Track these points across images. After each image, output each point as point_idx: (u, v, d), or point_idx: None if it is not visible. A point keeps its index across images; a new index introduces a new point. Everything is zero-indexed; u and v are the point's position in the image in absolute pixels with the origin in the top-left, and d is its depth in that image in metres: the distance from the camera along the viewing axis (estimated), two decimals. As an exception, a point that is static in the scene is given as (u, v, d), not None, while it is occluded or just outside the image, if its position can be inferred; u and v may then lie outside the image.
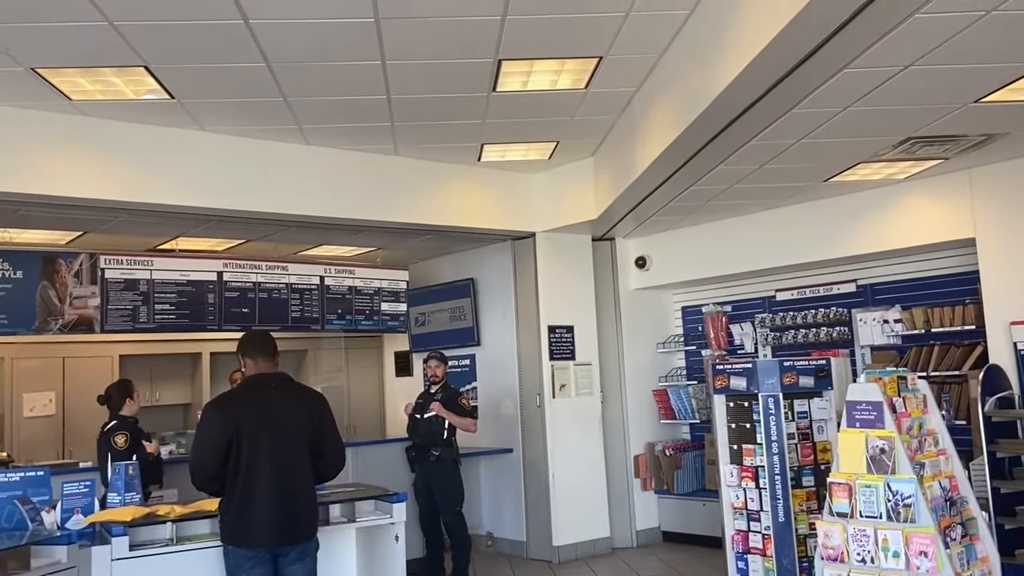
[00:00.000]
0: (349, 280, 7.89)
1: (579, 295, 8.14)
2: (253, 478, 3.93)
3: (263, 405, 4.06)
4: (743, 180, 6.35)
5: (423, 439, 6.91)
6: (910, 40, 3.79)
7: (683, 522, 8.11)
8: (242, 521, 3.93)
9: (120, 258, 6.67)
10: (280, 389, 4.17)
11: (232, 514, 3.95)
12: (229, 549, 3.98)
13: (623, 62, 5.10)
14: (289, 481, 4.01)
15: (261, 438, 3.97)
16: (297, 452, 4.06)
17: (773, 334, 7.92)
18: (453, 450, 6.92)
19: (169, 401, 10.22)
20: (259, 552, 3.93)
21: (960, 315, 6.63)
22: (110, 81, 5.08)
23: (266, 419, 4.01)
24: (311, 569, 4.12)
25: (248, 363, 4.22)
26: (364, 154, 6.82)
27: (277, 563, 4.02)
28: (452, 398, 7.02)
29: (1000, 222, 6.13)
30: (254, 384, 4.17)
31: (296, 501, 4.05)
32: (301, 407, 4.18)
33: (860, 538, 4.12)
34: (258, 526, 3.92)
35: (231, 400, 4.23)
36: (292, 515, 4.02)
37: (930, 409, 4.60)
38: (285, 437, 4.03)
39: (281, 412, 4.07)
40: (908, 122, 5.07)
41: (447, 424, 6.86)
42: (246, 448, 3.95)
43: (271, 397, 4.10)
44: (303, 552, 4.07)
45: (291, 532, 4.01)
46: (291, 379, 4.29)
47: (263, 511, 3.92)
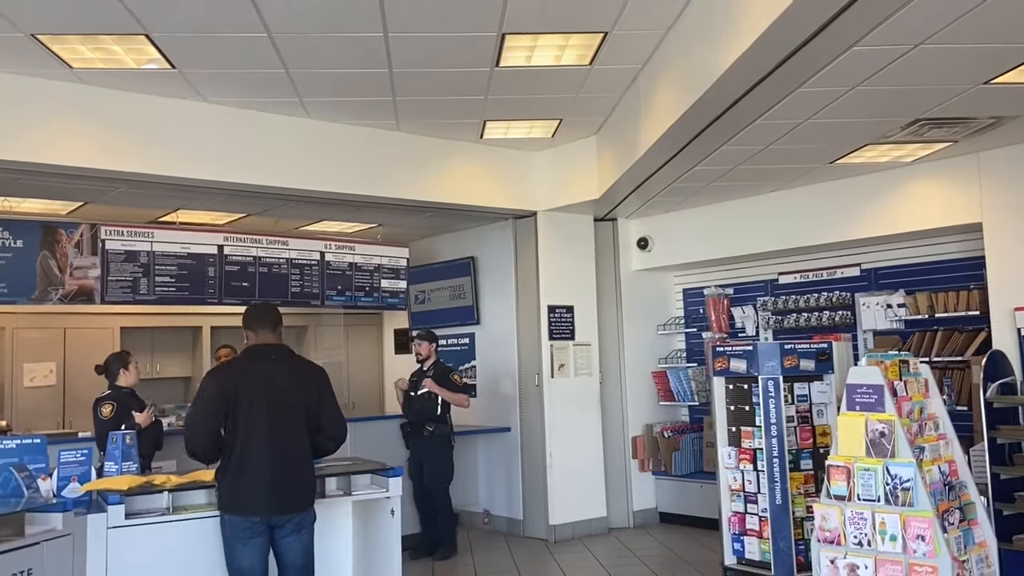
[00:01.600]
0: (349, 256, 7.87)
1: (580, 275, 8.11)
2: (250, 446, 3.94)
3: (261, 375, 4.06)
4: (748, 161, 6.30)
5: (417, 416, 6.96)
6: (921, 17, 3.73)
7: (680, 503, 8.12)
8: (238, 489, 3.94)
9: (121, 229, 6.65)
10: (280, 360, 4.17)
11: (228, 482, 3.97)
12: (226, 518, 3.99)
13: (628, 38, 5.04)
14: (286, 450, 4.02)
15: (258, 407, 3.98)
16: (294, 422, 4.06)
17: (775, 318, 7.89)
18: (447, 426, 6.99)
19: (170, 374, 10.23)
20: (255, 522, 3.94)
21: (964, 300, 6.59)
22: (111, 49, 5.03)
23: (264, 389, 4.02)
24: (308, 541, 4.12)
25: (250, 335, 4.23)
26: (365, 129, 6.77)
27: (273, 535, 4.02)
28: (443, 374, 7.09)
29: (1008, 207, 6.08)
30: (253, 354, 4.18)
31: (293, 471, 4.05)
32: (300, 379, 4.18)
33: (857, 521, 4.11)
34: (254, 494, 3.93)
35: (229, 369, 4.25)
36: (288, 484, 4.02)
37: (931, 393, 4.58)
38: (282, 407, 4.03)
39: (279, 382, 4.08)
40: (917, 103, 5.01)
41: (440, 400, 6.90)
42: (243, 417, 3.96)
43: (270, 367, 4.10)
44: (299, 523, 4.07)
45: (287, 501, 4.02)
46: (292, 351, 4.29)
47: (259, 479, 3.93)
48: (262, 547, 4.00)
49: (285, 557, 4.08)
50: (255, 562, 3.98)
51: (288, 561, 4.08)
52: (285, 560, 4.08)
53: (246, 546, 3.95)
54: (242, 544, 3.95)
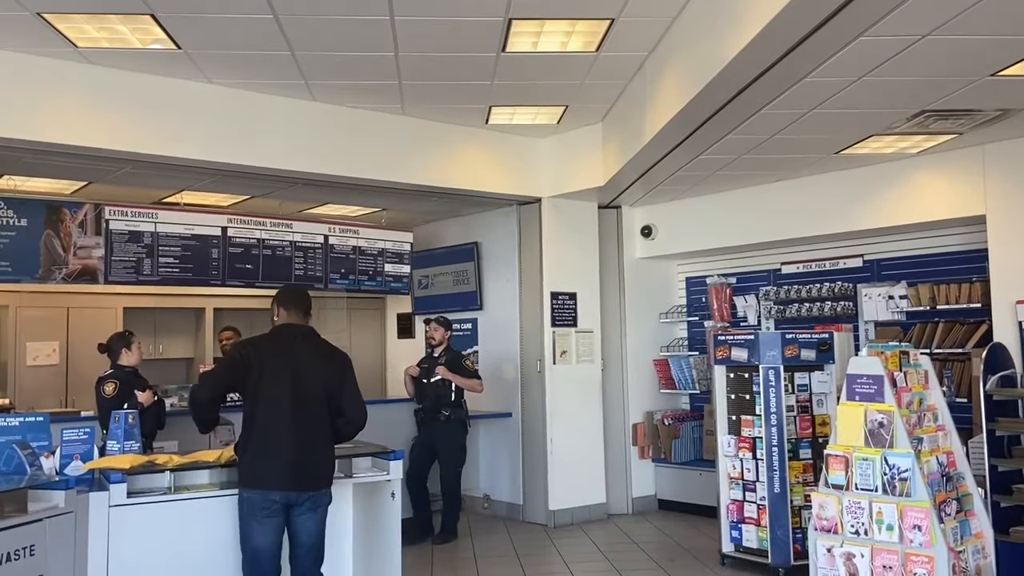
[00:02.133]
0: (353, 240, 7.88)
1: (583, 262, 8.11)
2: (274, 422, 4.01)
3: (287, 352, 4.14)
4: (753, 150, 6.29)
5: (432, 403, 6.99)
6: (930, 7, 3.71)
7: (679, 491, 8.16)
8: (260, 463, 3.99)
9: (125, 209, 6.66)
10: (307, 342, 4.26)
11: (250, 456, 4.02)
12: (244, 496, 4.02)
13: (635, 25, 5.02)
14: (308, 429, 4.09)
15: (282, 384, 4.04)
16: (317, 402, 4.14)
17: (777, 307, 7.89)
18: (463, 411, 7.05)
19: (172, 355, 10.27)
20: (273, 500, 3.97)
21: (966, 293, 6.59)
22: (116, 29, 5.02)
23: (288, 366, 4.10)
24: (321, 521, 4.17)
25: (281, 312, 4.31)
26: (371, 112, 6.76)
27: (290, 514, 4.06)
28: (456, 360, 7.12)
29: (1012, 199, 6.07)
30: (282, 333, 4.25)
31: (314, 449, 4.12)
32: (324, 361, 4.26)
33: (855, 510, 4.13)
34: (276, 469, 3.98)
35: (255, 343, 4.29)
36: (310, 462, 4.09)
37: (931, 385, 4.59)
38: (307, 387, 4.10)
39: (304, 362, 4.16)
40: (923, 94, 5.00)
41: (454, 386, 6.98)
42: (266, 392, 4.02)
43: (297, 347, 4.19)
44: (316, 502, 4.13)
45: (308, 479, 4.08)
46: (317, 334, 4.36)
47: (283, 455, 3.99)
48: (278, 527, 4.04)
49: (299, 535, 4.12)
50: (270, 542, 4.01)
51: (301, 539, 4.12)
52: (299, 538, 4.12)
53: (262, 525, 3.99)
54: (258, 523, 3.99)
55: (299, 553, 4.13)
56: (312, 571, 4.16)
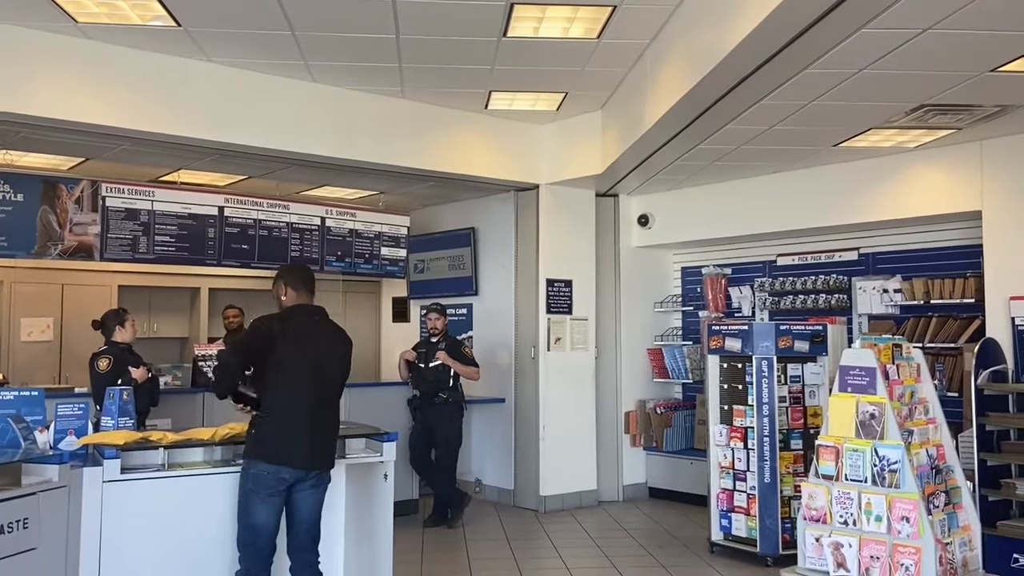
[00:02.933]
0: (350, 223, 7.87)
1: (579, 250, 8.12)
2: (296, 400, 4.03)
3: (307, 333, 4.17)
4: (751, 141, 6.29)
5: (430, 387, 7.03)
6: (931, 2, 3.71)
7: (670, 479, 8.20)
8: (283, 440, 3.99)
9: (122, 187, 6.64)
10: (323, 322, 4.29)
11: (271, 432, 4.00)
12: (251, 471, 4.00)
13: (637, 12, 5.01)
14: (324, 408, 4.15)
15: (305, 363, 4.07)
16: (333, 382, 4.22)
17: (772, 299, 7.92)
18: (460, 394, 7.11)
19: (166, 334, 10.25)
20: (281, 480, 3.98)
21: (960, 288, 6.62)
22: (117, 4, 5.00)
23: (311, 347, 4.13)
24: (321, 498, 4.22)
25: (290, 292, 4.28)
26: (370, 95, 6.74)
27: (291, 490, 4.08)
28: (455, 346, 7.17)
29: (1009, 196, 6.09)
30: (301, 312, 4.25)
31: (328, 428, 4.19)
32: (338, 343, 4.31)
33: (844, 500, 4.16)
34: (294, 447, 4.01)
35: (280, 317, 4.24)
36: (324, 441, 4.15)
37: (923, 378, 4.61)
38: (325, 367, 4.16)
39: (323, 343, 4.20)
40: (923, 88, 5.00)
41: (452, 371, 7.03)
42: (289, 369, 4.04)
43: (316, 327, 4.23)
44: (320, 480, 4.17)
45: (320, 457, 4.13)
46: (328, 316, 4.37)
47: (301, 433, 4.02)
48: (279, 505, 4.06)
49: (299, 512, 4.13)
50: (270, 519, 4.02)
51: (302, 516, 4.14)
52: (298, 515, 4.14)
53: (264, 502, 4.00)
54: (261, 500, 4.00)
55: (298, 530, 4.15)
56: (310, 548, 4.18)
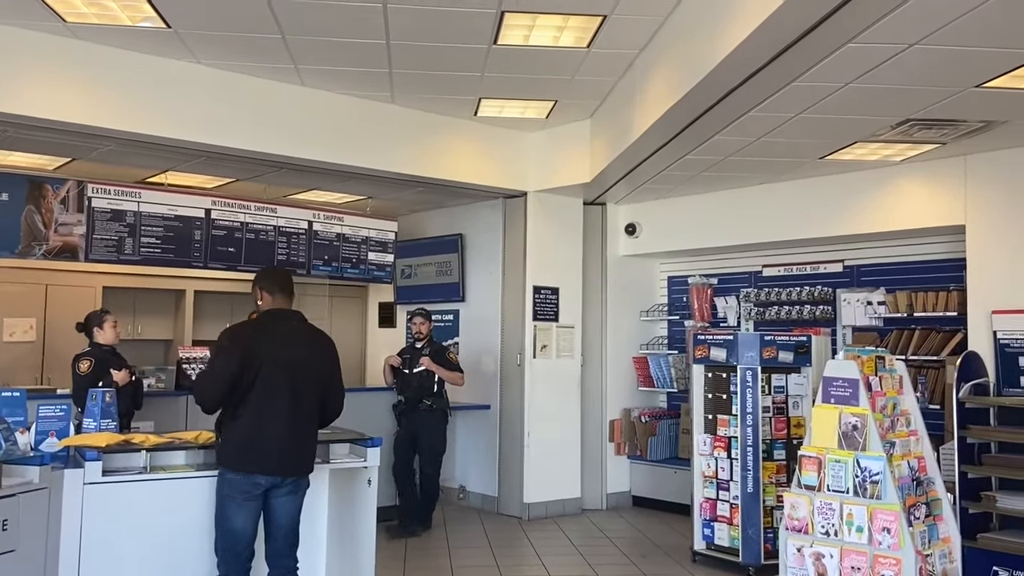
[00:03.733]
0: (338, 227, 7.86)
1: (567, 258, 8.14)
2: (267, 407, 3.98)
3: (282, 338, 4.13)
4: (739, 152, 6.33)
5: (415, 392, 6.98)
6: (917, 17, 3.75)
7: (654, 488, 8.21)
8: (250, 447, 3.97)
9: (108, 187, 6.61)
10: (300, 326, 4.26)
11: (239, 439, 3.99)
12: (227, 477, 4.00)
13: (627, 22, 5.04)
14: (299, 414, 4.09)
15: (277, 368, 4.02)
16: (309, 388, 4.14)
17: (757, 309, 7.96)
18: (444, 401, 7.06)
19: (151, 336, 10.19)
20: (258, 483, 3.97)
21: (943, 301, 6.68)
22: (106, 4, 4.98)
23: (285, 352, 4.08)
24: (299, 504, 4.18)
25: (266, 297, 4.27)
26: (360, 100, 6.74)
27: (268, 496, 4.06)
28: (439, 352, 7.14)
29: (992, 210, 6.15)
30: (276, 317, 4.23)
31: (303, 434, 4.13)
32: (316, 346, 4.27)
33: (825, 511, 4.18)
34: (266, 453, 3.97)
35: (251, 327, 4.26)
36: (299, 448, 4.10)
37: (905, 390, 4.64)
38: (300, 372, 4.10)
39: (298, 347, 4.15)
40: (908, 103, 5.05)
41: (437, 377, 6.99)
42: (261, 375, 3.99)
43: (291, 332, 4.19)
44: (297, 486, 4.14)
45: (295, 464, 4.09)
46: (306, 319, 4.34)
47: (273, 439, 3.98)
48: (256, 510, 4.04)
49: (276, 518, 4.11)
50: (247, 525, 4.01)
51: (280, 522, 4.12)
52: (276, 521, 4.12)
53: (241, 508, 3.98)
54: (237, 505, 3.98)
55: (276, 535, 4.13)
56: (288, 554, 4.16)
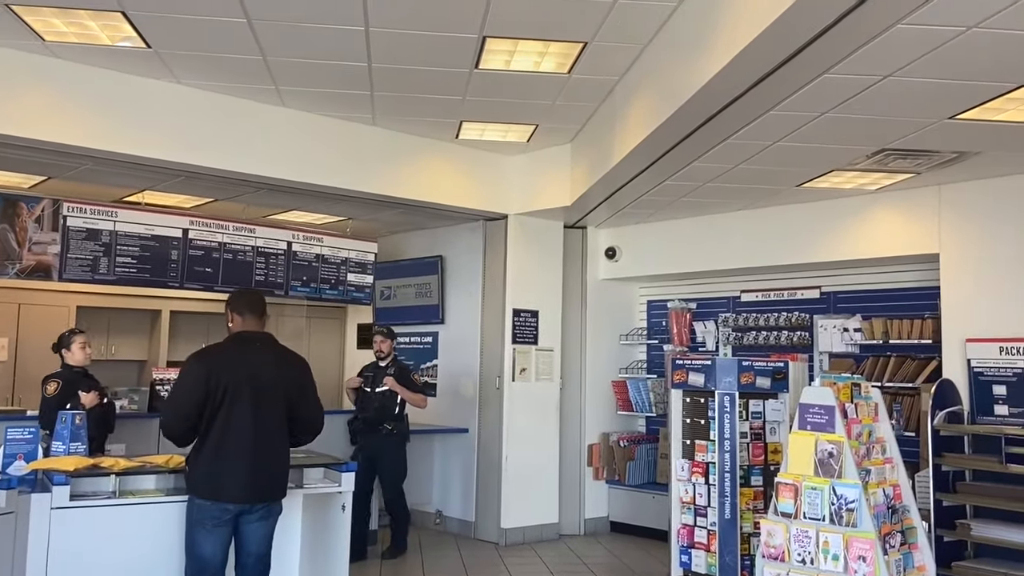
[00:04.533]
0: (317, 248, 7.83)
1: (547, 281, 8.15)
2: (230, 433, 3.93)
3: (247, 361, 4.07)
4: (717, 179, 6.38)
5: (376, 413, 6.84)
6: (891, 50, 3.81)
7: (632, 513, 8.18)
8: (215, 474, 3.92)
9: (84, 207, 6.55)
10: (266, 348, 4.19)
11: (205, 466, 3.94)
12: (196, 503, 3.95)
13: (607, 50, 5.09)
14: (266, 439, 4.03)
15: (242, 393, 3.97)
16: (276, 411, 4.08)
17: (735, 334, 7.99)
18: (405, 424, 6.91)
19: (125, 356, 10.08)
20: (226, 509, 3.92)
21: (918, 329, 6.73)
22: (86, 24, 4.96)
23: (248, 375, 4.02)
24: (271, 530, 4.13)
25: (236, 319, 4.23)
26: (340, 121, 6.74)
27: (239, 522, 4.01)
28: (403, 372, 7.00)
29: (965, 240, 6.22)
30: (240, 340, 4.18)
31: (271, 460, 4.07)
32: (285, 368, 4.20)
33: (802, 539, 4.17)
34: (231, 480, 3.91)
35: (214, 353, 4.20)
36: (267, 473, 4.04)
37: (881, 418, 4.66)
38: (266, 395, 4.04)
39: (264, 370, 4.09)
40: (883, 133, 5.12)
41: (399, 399, 6.85)
42: (226, 402, 3.95)
43: (255, 354, 4.13)
44: (268, 512, 4.08)
45: (264, 490, 4.03)
46: (276, 341, 4.30)
47: (238, 466, 3.93)
48: (226, 536, 3.98)
49: (247, 544, 4.06)
50: (216, 551, 3.95)
51: (250, 548, 4.07)
52: (246, 547, 4.06)
53: (211, 534, 3.93)
54: (207, 531, 3.92)
55: (247, 562, 4.07)
56: (259, 582, 4.10)
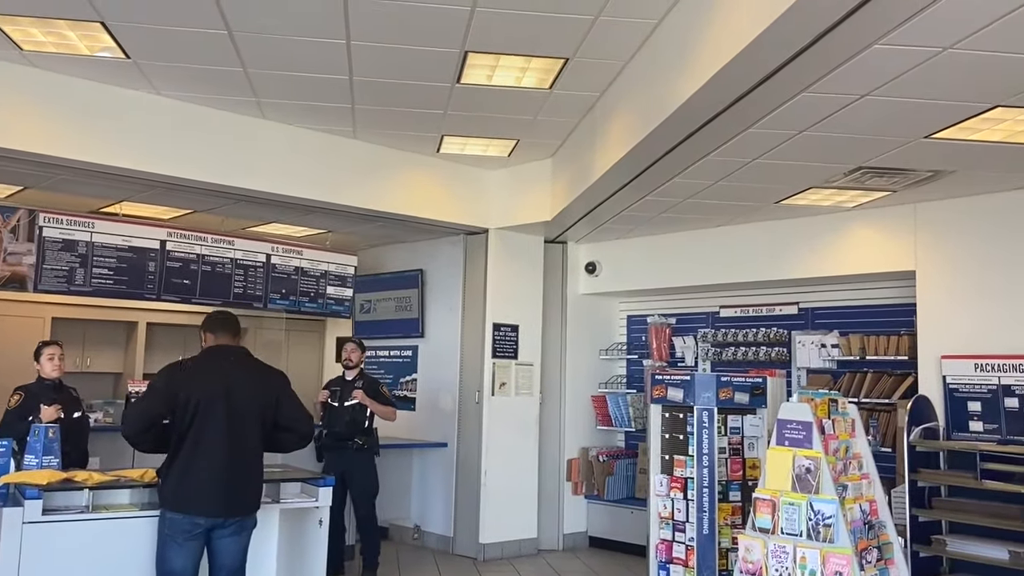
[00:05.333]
0: (296, 260, 7.78)
1: (527, 295, 8.15)
2: (204, 446, 3.92)
3: (219, 375, 4.06)
4: (697, 195, 6.42)
5: (346, 428, 6.64)
6: (868, 69, 3.86)
7: (611, 528, 8.17)
8: (188, 488, 3.89)
9: (60, 217, 6.47)
10: (238, 363, 4.19)
11: (176, 480, 3.91)
12: (167, 516, 3.92)
13: (588, 66, 5.12)
14: (238, 452, 4.01)
15: (213, 407, 3.96)
16: (250, 424, 4.06)
17: (714, 349, 8.03)
18: (374, 439, 6.76)
19: (100, 368, 9.96)
20: (198, 523, 3.88)
21: (895, 345, 6.80)
22: (64, 34, 4.93)
23: (220, 389, 4.01)
24: (245, 545, 4.09)
25: (208, 337, 4.25)
26: (321, 134, 6.73)
27: (211, 536, 3.97)
28: (372, 385, 6.81)
29: (940, 257, 6.29)
30: (212, 355, 4.19)
31: (245, 474, 4.05)
32: (257, 381, 4.19)
33: (779, 554, 4.18)
34: (202, 494, 3.89)
35: (187, 367, 4.20)
36: (240, 487, 4.02)
37: (857, 433, 4.70)
38: (238, 409, 4.02)
39: (237, 383, 4.08)
40: (860, 151, 5.18)
41: (368, 412, 6.69)
42: (197, 416, 3.93)
43: (228, 369, 4.12)
44: (241, 526, 4.05)
45: (237, 504, 4.00)
46: (250, 354, 4.30)
47: (213, 480, 3.90)
48: (197, 550, 3.95)
49: (220, 558, 4.02)
50: (187, 565, 3.91)
51: (223, 562, 4.03)
52: (219, 561, 4.02)
53: (182, 548, 3.89)
54: (178, 545, 3.88)
55: None
56: (232, 596, 4.06)
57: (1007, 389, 5.82)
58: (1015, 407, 5.78)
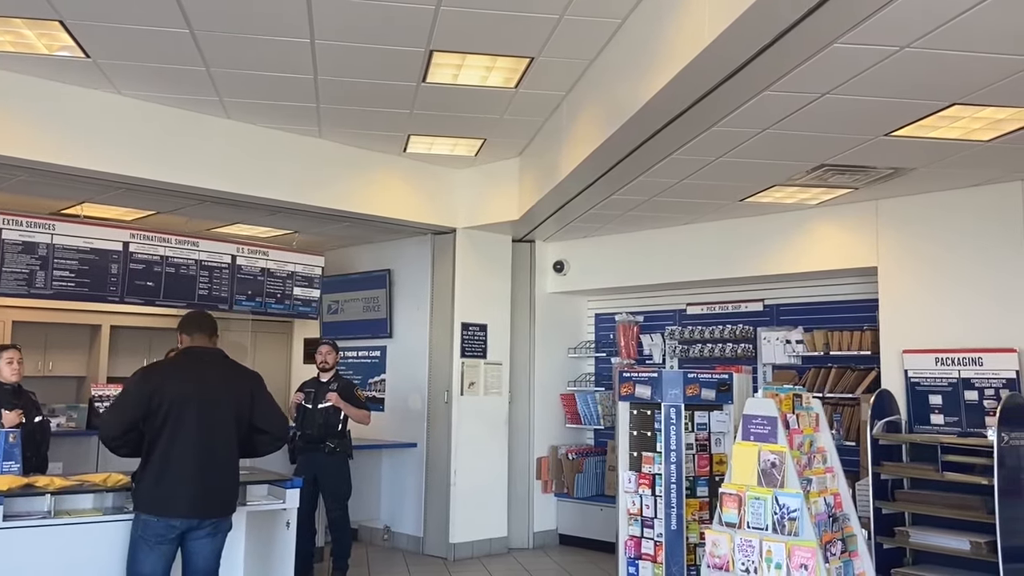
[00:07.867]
0: (262, 261, 7.71)
1: (495, 294, 8.15)
2: (177, 448, 3.89)
3: (193, 377, 4.04)
4: (662, 193, 6.47)
5: (319, 430, 6.57)
6: (828, 68, 3.92)
7: (580, 526, 8.21)
8: (162, 489, 3.86)
9: (20, 219, 6.36)
10: (213, 364, 4.17)
11: (150, 482, 3.88)
12: (141, 518, 3.89)
13: (554, 65, 5.13)
14: (214, 454, 3.99)
15: (187, 409, 3.93)
16: (225, 426, 4.04)
17: (681, 347, 8.09)
18: (348, 442, 6.71)
19: (62, 372, 9.80)
20: (172, 526, 3.85)
21: (858, 340, 6.90)
22: (22, 33, 4.84)
23: (194, 390, 3.99)
24: (219, 547, 4.07)
25: (184, 339, 4.23)
26: (286, 134, 6.68)
27: (186, 538, 3.94)
28: (347, 388, 6.75)
29: (901, 254, 6.40)
30: (187, 356, 4.17)
31: (219, 475, 4.02)
32: (232, 383, 4.18)
33: (746, 548, 4.23)
34: (178, 496, 3.86)
35: (162, 368, 4.19)
36: (214, 489, 3.99)
37: (821, 428, 4.76)
38: (212, 410, 4.00)
39: (212, 385, 4.06)
40: (822, 149, 5.25)
41: (342, 415, 6.63)
42: (171, 417, 3.90)
43: (202, 370, 4.10)
44: (216, 528, 4.02)
45: (211, 505, 3.97)
46: (226, 356, 4.27)
47: (186, 481, 3.87)
48: (169, 554, 3.91)
49: (194, 560, 3.98)
50: (157, 569, 3.88)
51: (197, 565, 4.00)
52: (194, 564, 3.99)
53: (153, 551, 3.85)
54: (149, 548, 3.85)
55: None
56: (204, 599, 4.02)
57: (967, 382, 5.93)
58: (975, 400, 5.89)
